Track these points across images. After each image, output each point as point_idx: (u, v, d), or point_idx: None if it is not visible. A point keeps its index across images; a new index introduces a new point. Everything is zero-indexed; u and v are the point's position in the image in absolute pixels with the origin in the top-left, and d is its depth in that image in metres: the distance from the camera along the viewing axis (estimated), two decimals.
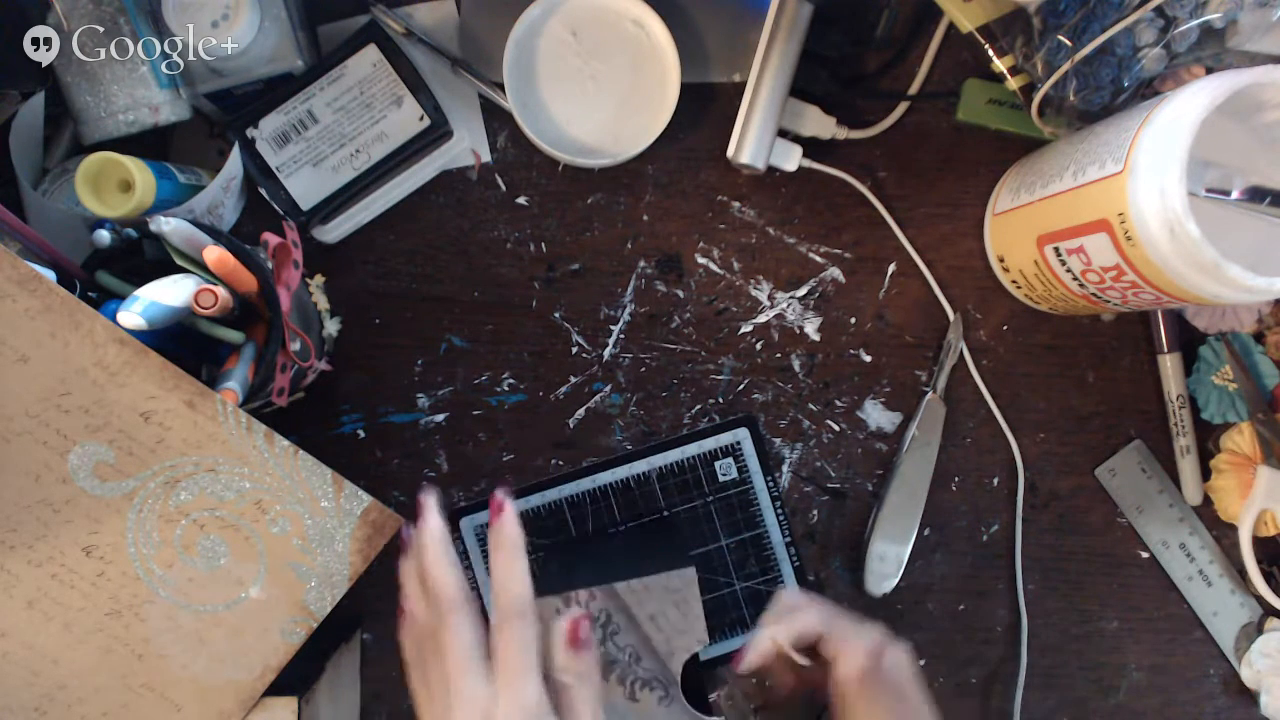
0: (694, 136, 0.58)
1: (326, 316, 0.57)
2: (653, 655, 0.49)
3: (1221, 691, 0.59)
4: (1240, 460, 0.57)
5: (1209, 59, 0.48)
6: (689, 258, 0.59)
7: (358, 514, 0.46)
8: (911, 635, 0.59)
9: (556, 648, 0.42)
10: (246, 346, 0.46)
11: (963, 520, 0.59)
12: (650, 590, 0.49)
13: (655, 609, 0.49)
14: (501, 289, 0.58)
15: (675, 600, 0.49)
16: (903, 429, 0.59)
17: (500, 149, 0.58)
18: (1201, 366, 0.58)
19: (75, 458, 0.43)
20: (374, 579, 0.52)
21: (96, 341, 0.42)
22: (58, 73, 0.51)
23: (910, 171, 0.59)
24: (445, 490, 0.58)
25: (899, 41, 0.58)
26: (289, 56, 0.53)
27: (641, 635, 0.49)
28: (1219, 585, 0.59)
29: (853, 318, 0.59)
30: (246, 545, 0.45)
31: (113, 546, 0.44)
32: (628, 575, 0.49)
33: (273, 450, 0.44)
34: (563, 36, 0.55)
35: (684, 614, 0.49)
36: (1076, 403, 0.59)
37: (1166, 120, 0.43)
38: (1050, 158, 0.52)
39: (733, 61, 0.58)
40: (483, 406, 0.58)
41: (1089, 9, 0.47)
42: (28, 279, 0.41)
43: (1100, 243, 0.47)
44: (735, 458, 0.58)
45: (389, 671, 0.58)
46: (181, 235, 0.44)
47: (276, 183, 0.54)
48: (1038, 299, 0.56)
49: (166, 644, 0.45)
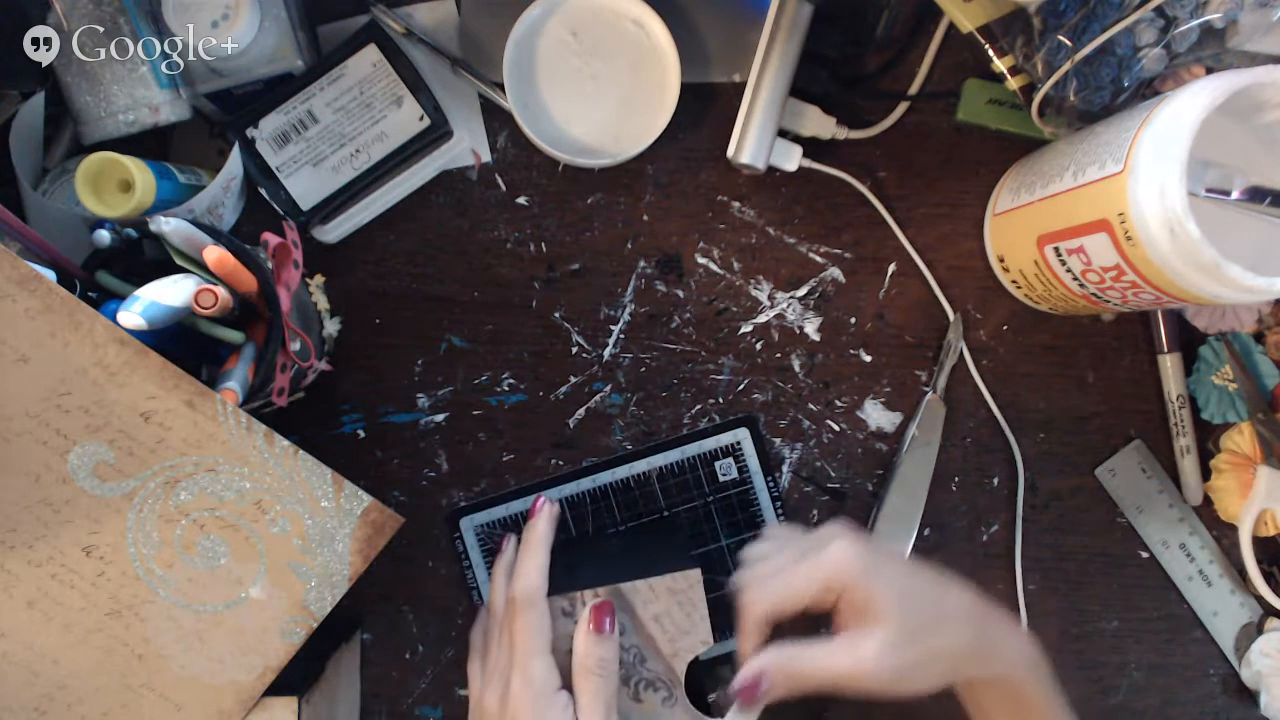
0: (694, 136, 0.58)
1: (326, 316, 0.57)
2: (657, 656, 0.48)
3: (1221, 691, 0.59)
4: (1240, 460, 0.57)
5: (1209, 59, 0.48)
6: (689, 258, 0.59)
7: (358, 514, 0.46)
8: None
9: (580, 634, 0.46)
10: (246, 346, 0.46)
11: (963, 520, 0.59)
12: (655, 590, 0.49)
13: (660, 609, 0.49)
14: (501, 289, 0.58)
15: (680, 600, 0.49)
16: (903, 429, 0.59)
17: (500, 149, 0.58)
18: (1201, 366, 0.58)
19: (75, 458, 0.43)
20: (374, 579, 0.52)
21: (96, 341, 0.42)
22: (58, 73, 0.51)
23: (910, 171, 0.59)
24: (445, 490, 0.58)
25: (899, 41, 0.58)
26: (289, 56, 0.53)
27: (646, 635, 0.49)
28: (1219, 585, 0.59)
29: (853, 318, 0.59)
30: (246, 545, 0.45)
31: (113, 546, 0.44)
32: (631, 575, 0.49)
33: (273, 450, 0.44)
34: (563, 36, 0.55)
35: (688, 614, 0.49)
36: (1076, 403, 0.59)
37: (1166, 120, 0.43)
38: (1050, 158, 0.52)
39: (733, 61, 0.58)
40: (483, 406, 0.58)
41: (1089, 9, 0.47)
42: (28, 279, 0.41)
43: (1100, 243, 0.47)
44: (735, 458, 0.58)
45: (389, 671, 0.58)
46: (181, 235, 0.44)
47: (276, 183, 0.54)
48: (1038, 299, 0.56)
49: (166, 644, 0.45)
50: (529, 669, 0.44)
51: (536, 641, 0.45)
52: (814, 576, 0.43)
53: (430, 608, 0.58)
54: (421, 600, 0.58)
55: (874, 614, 0.42)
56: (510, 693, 0.44)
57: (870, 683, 0.41)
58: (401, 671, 0.58)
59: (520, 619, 0.45)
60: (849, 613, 0.43)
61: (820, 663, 0.42)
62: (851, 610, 0.43)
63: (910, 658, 0.42)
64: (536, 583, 0.47)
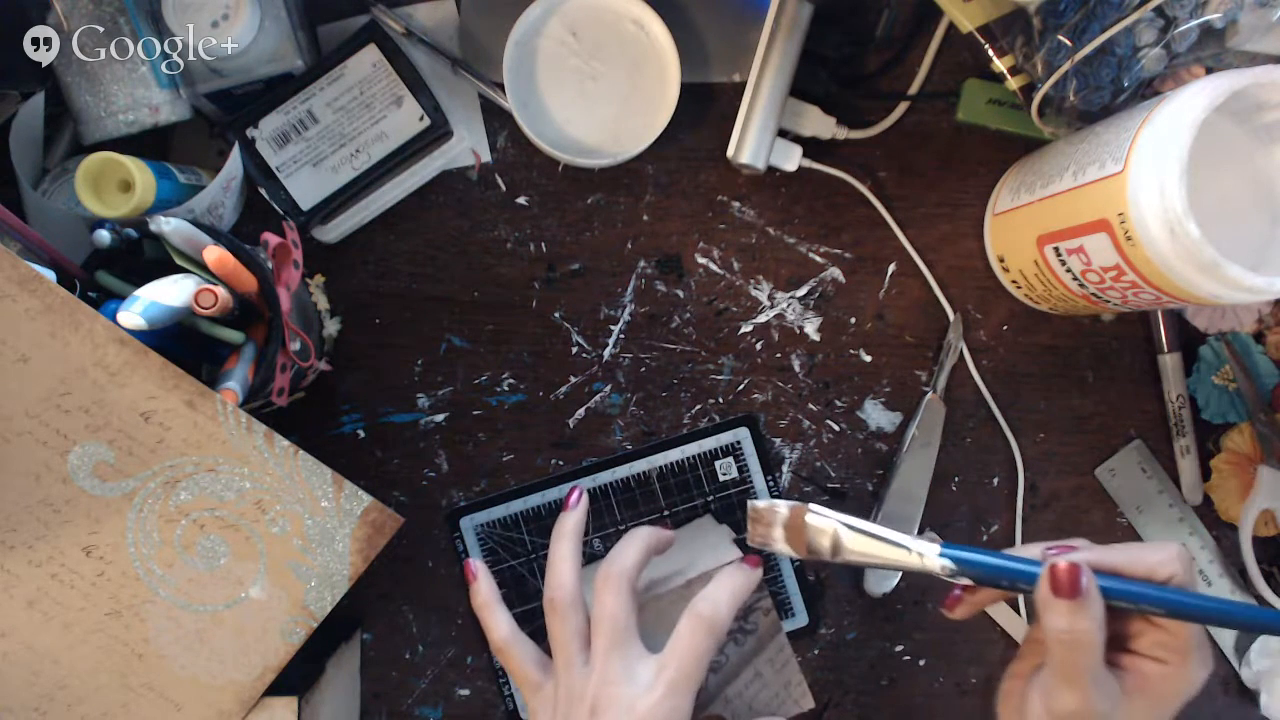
0: (694, 136, 0.58)
1: (326, 316, 0.57)
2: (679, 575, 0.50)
3: (1221, 691, 0.59)
4: (1240, 460, 0.57)
5: (1209, 59, 0.48)
6: (689, 258, 0.59)
7: (358, 514, 0.46)
8: (911, 635, 0.59)
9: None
10: (246, 346, 0.46)
11: (963, 520, 0.59)
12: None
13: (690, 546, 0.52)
14: (501, 289, 0.58)
15: (707, 541, 0.52)
16: (903, 429, 0.59)
17: (500, 149, 0.58)
18: (1201, 366, 0.58)
19: (75, 458, 0.43)
20: (374, 579, 0.52)
21: (96, 341, 0.42)
22: (58, 73, 0.51)
23: (910, 171, 0.59)
24: (445, 490, 0.58)
25: (899, 41, 0.58)
26: (289, 56, 0.53)
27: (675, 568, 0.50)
28: (1219, 585, 0.59)
29: (853, 318, 0.59)
30: (246, 545, 0.45)
31: (113, 546, 0.44)
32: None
33: (273, 450, 0.44)
34: (563, 36, 0.55)
35: (715, 545, 0.52)
36: (1076, 403, 0.59)
37: (1166, 120, 0.43)
38: (1050, 158, 0.52)
39: (733, 61, 0.58)
40: (483, 406, 0.58)
41: (1089, 9, 0.47)
42: (28, 279, 0.41)
43: (1100, 243, 0.47)
44: (735, 457, 0.58)
45: (389, 671, 0.58)
46: (181, 235, 0.44)
47: (276, 183, 0.54)
48: (1038, 299, 0.56)
49: (166, 644, 0.45)
50: (568, 675, 0.44)
51: (572, 646, 0.44)
52: (1167, 553, 0.39)
53: (430, 608, 0.58)
54: (421, 600, 0.58)
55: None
56: (559, 697, 0.44)
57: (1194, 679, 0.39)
58: (401, 671, 0.58)
59: (556, 623, 0.45)
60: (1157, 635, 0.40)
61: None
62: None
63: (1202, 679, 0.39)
64: (569, 583, 0.46)
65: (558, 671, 0.44)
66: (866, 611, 0.59)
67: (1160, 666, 0.39)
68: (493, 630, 0.47)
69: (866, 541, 0.41)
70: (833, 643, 0.59)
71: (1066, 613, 0.37)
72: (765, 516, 0.43)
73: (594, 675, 0.42)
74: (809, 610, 0.58)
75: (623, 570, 0.44)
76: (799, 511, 0.42)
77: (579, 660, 0.44)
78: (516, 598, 0.57)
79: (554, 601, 0.45)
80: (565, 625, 0.44)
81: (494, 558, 0.57)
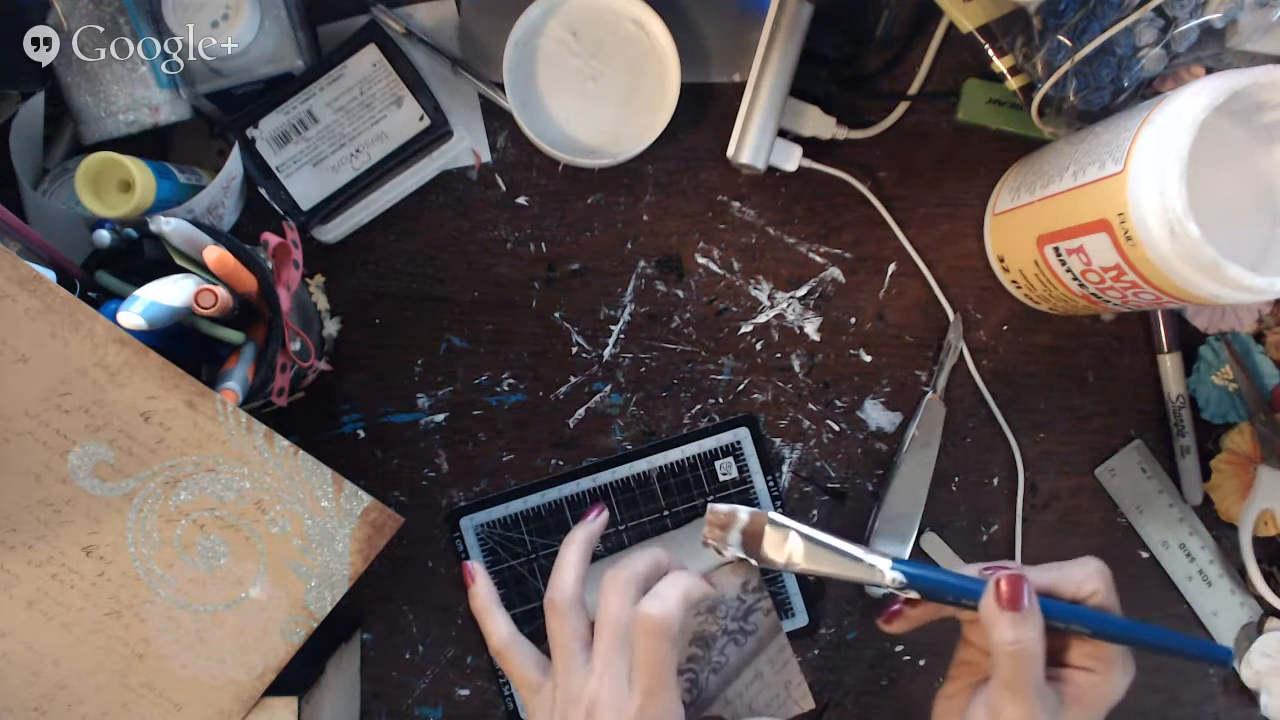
0: (694, 136, 0.58)
1: (326, 316, 0.57)
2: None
3: (1221, 691, 0.59)
4: (1240, 460, 0.57)
5: (1209, 59, 0.48)
6: (689, 258, 0.59)
7: (358, 514, 0.46)
8: (911, 635, 0.59)
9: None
10: (246, 346, 0.46)
11: (963, 520, 0.59)
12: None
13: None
14: (501, 289, 0.58)
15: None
16: (903, 429, 0.59)
17: (500, 149, 0.58)
18: (1201, 366, 0.58)
19: (75, 458, 0.43)
20: (374, 579, 0.52)
21: (96, 341, 0.42)
22: (58, 73, 0.51)
23: (910, 171, 0.59)
24: (445, 490, 0.58)
25: (899, 41, 0.58)
26: (289, 56, 0.53)
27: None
28: (1219, 585, 0.59)
29: (853, 318, 0.59)
30: (246, 545, 0.45)
31: (113, 546, 0.44)
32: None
33: (273, 450, 0.44)
34: (563, 37, 0.55)
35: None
36: (1076, 403, 0.59)
37: (1166, 120, 0.43)
38: (1050, 158, 0.52)
39: (733, 61, 0.58)
40: (483, 406, 0.58)
41: (1089, 9, 0.47)
42: (28, 279, 0.41)
43: (1100, 243, 0.47)
44: (735, 457, 0.58)
45: (389, 671, 0.58)
46: (181, 235, 0.44)
47: (276, 183, 0.54)
48: (1038, 299, 0.56)
49: (166, 644, 0.45)
50: (568, 677, 0.43)
51: (571, 648, 0.44)
52: (1088, 569, 0.42)
53: (430, 608, 0.58)
54: (421, 600, 0.58)
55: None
56: (554, 703, 0.44)
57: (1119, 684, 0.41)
58: (401, 671, 0.58)
59: (556, 624, 0.45)
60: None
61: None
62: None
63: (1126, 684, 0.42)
64: (570, 587, 0.45)
65: (556, 673, 0.44)
66: (866, 611, 0.59)
67: (1090, 675, 0.41)
68: (491, 632, 0.47)
69: (821, 552, 0.42)
70: (833, 643, 0.59)
71: (1012, 625, 0.39)
72: (724, 520, 0.44)
73: (593, 677, 0.42)
74: (809, 610, 0.58)
75: (631, 575, 0.44)
76: (759, 518, 0.43)
77: (577, 662, 0.43)
78: (516, 598, 0.57)
79: (554, 603, 0.45)
80: (565, 627, 0.44)
81: (494, 558, 0.57)
